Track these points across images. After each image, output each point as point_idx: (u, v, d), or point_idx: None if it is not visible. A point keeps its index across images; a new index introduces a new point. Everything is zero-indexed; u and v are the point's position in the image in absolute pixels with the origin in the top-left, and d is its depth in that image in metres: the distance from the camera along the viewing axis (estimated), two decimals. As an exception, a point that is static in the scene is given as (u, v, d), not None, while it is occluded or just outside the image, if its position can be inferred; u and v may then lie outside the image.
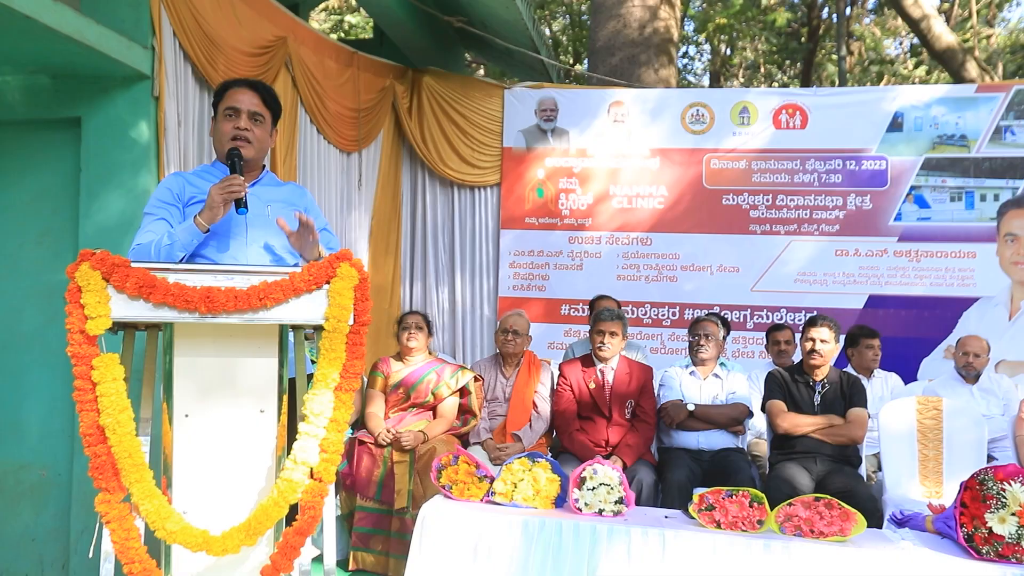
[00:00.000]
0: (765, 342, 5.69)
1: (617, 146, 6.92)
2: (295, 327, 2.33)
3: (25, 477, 4.19)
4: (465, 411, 4.59)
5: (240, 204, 2.48)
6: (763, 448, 4.77)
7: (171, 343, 2.21)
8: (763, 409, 4.33)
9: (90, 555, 2.14)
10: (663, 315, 6.75)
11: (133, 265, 2.04)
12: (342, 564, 4.26)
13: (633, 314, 6.76)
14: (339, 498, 4.27)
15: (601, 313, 4.42)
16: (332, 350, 2.16)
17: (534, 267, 7.00)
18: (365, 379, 4.65)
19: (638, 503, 3.94)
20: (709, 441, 4.37)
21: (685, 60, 20.14)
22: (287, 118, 5.42)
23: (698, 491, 3.21)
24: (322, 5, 12.75)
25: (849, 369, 5.11)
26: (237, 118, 2.64)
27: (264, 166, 2.81)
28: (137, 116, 4.16)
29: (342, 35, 14.77)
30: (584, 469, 3.26)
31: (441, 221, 7.23)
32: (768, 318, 6.54)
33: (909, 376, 5.97)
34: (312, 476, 2.16)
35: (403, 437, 4.23)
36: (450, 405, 4.50)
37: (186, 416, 2.20)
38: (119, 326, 2.21)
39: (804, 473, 3.99)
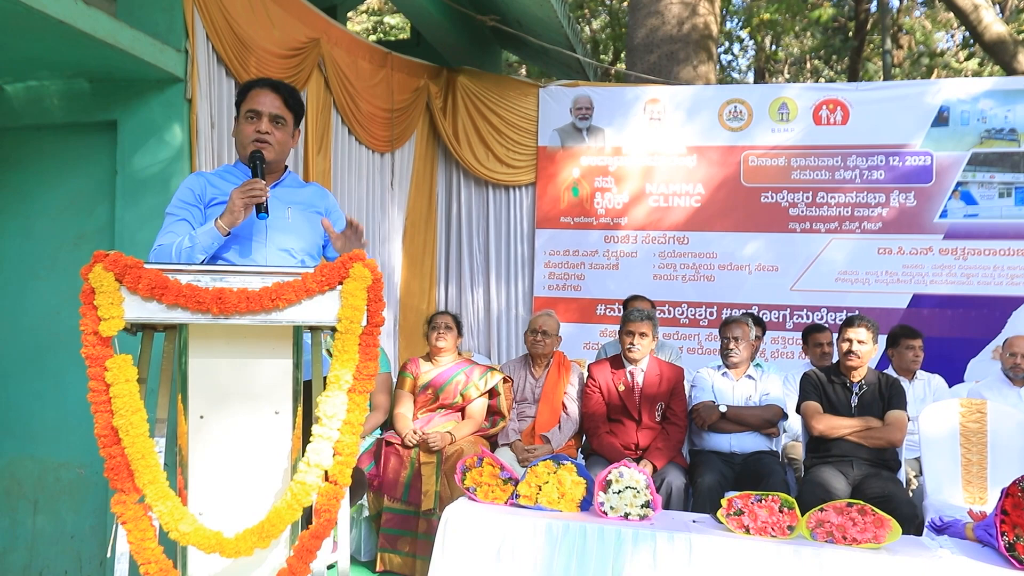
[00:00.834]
0: (802, 343, 5.57)
1: (653, 144, 6.84)
2: (314, 328, 2.32)
3: (64, 475, 4.26)
4: (494, 412, 4.56)
5: (261, 209, 2.47)
6: (800, 451, 4.67)
7: (186, 344, 2.21)
8: (798, 411, 4.24)
9: (108, 554, 2.15)
10: (700, 315, 6.66)
11: (146, 266, 2.05)
12: (370, 565, 4.26)
13: (670, 314, 6.68)
14: (368, 499, 4.27)
15: (630, 314, 4.34)
16: (345, 351, 2.14)
17: (569, 267, 6.94)
18: (395, 379, 4.66)
19: (667, 507, 3.89)
20: (741, 444, 4.28)
21: (729, 57, 19.91)
22: (320, 119, 5.45)
23: (728, 495, 3.14)
24: (362, 6, 12.82)
25: (890, 371, 4.98)
26: (258, 121, 2.63)
27: (286, 167, 2.81)
28: (170, 118, 4.20)
29: (382, 36, 14.84)
30: (610, 472, 3.21)
31: (476, 221, 7.21)
32: (808, 318, 6.41)
33: (956, 378, 5.81)
34: (327, 479, 2.14)
35: (430, 438, 4.21)
36: (479, 406, 4.48)
37: (201, 417, 2.20)
38: (138, 327, 2.23)
39: (840, 477, 3.89)
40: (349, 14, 15.22)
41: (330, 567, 4.12)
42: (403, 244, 6.72)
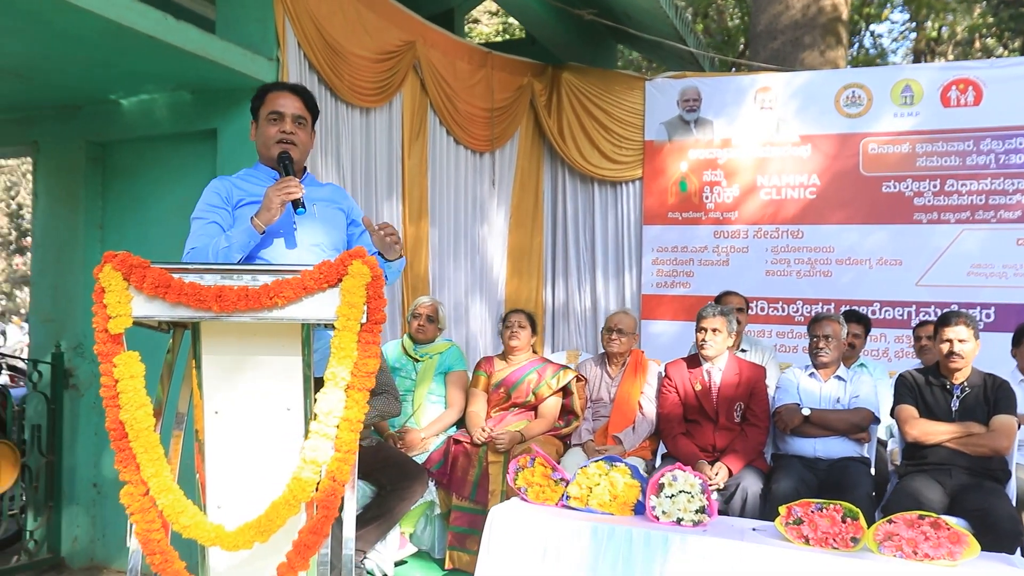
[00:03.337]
0: (913, 341, 5.16)
1: (764, 134, 6.52)
2: (329, 325, 2.34)
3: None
4: (568, 412, 4.49)
5: (298, 204, 2.53)
6: (903, 458, 4.32)
7: (201, 341, 2.28)
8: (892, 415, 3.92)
9: (128, 545, 2.26)
10: (817, 313, 6.29)
11: (152, 266, 2.14)
12: (439, 563, 4.29)
13: (784, 311, 6.38)
14: (438, 497, 4.29)
15: (703, 310, 4.14)
16: (343, 348, 2.14)
17: (678, 263, 6.74)
18: (470, 377, 4.66)
19: (742, 513, 3.70)
20: (827, 449, 3.98)
21: (887, 41, 18.77)
22: (415, 120, 5.53)
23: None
24: (483, 7, 12.97)
25: (1015, 372, 4.54)
26: (282, 122, 2.71)
27: (304, 167, 2.88)
28: (264, 126, 4.37)
29: (508, 36, 14.96)
30: (663, 475, 3.09)
31: (582, 218, 7.11)
32: (937, 315, 5.93)
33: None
34: (327, 475, 2.15)
35: (497, 439, 4.19)
36: (551, 405, 4.42)
37: (216, 413, 2.26)
38: (169, 324, 2.33)
39: (936, 487, 3.56)
40: (480, 18, 15.48)
41: (399, 564, 4.19)
42: (507, 243, 6.73)
